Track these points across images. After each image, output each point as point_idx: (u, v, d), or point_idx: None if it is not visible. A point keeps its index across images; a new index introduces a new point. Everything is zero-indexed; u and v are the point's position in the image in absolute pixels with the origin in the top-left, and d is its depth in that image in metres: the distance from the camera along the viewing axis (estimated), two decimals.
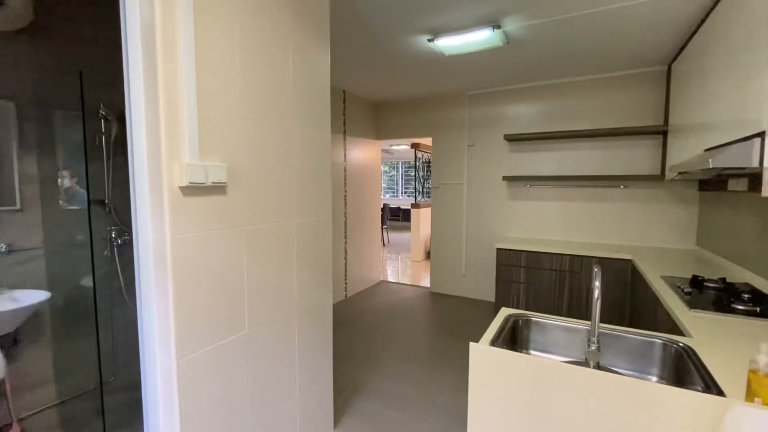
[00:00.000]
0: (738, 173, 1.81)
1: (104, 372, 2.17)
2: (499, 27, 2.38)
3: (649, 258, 2.70)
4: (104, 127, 2.13)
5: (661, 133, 3.16)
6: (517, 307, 3.35)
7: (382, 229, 8.30)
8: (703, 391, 0.90)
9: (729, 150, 1.48)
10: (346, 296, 4.30)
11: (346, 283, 4.28)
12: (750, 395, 0.83)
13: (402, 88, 4.00)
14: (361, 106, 4.46)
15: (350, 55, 2.95)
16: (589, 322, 1.32)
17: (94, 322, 2.04)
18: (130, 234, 1.38)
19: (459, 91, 4.12)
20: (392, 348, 3.00)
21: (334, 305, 4.03)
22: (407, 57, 2.97)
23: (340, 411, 2.16)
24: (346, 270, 4.26)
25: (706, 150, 1.89)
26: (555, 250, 3.14)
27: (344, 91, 4.10)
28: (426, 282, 5.06)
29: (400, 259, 6.82)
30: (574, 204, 3.64)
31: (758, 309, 1.48)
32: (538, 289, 3.26)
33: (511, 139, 3.72)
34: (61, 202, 2.02)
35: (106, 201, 2.16)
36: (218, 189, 1.27)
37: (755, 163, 1.32)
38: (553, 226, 3.76)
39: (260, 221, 1.43)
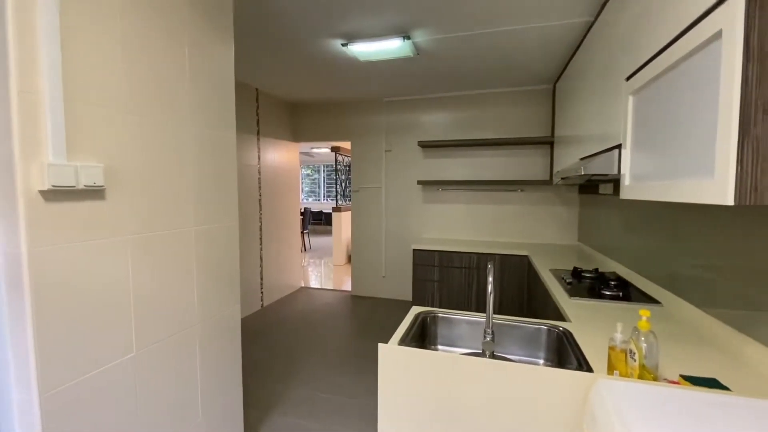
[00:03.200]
0: (604, 179, 2.13)
1: None
2: (409, 38, 2.48)
3: (541, 253, 3.05)
4: None
5: (549, 143, 3.60)
6: (432, 304, 3.51)
7: (302, 233, 8.09)
8: (576, 369, 1.03)
9: (596, 159, 1.74)
10: (262, 305, 4.09)
11: (262, 292, 4.07)
12: (610, 369, 0.98)
13: (320, 91, 3.95)
14: (277, 106, 4.30)
15: (263, 52, 2.82)
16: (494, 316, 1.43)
17: None
18: None
19: (376, 97, 4.21)
20: (312, 356, 2.93)
21: (249, 316, 3.80)
22: (323, 59, 2.94)
23: (252, 428, 2.04)
24: (262, 278, 4.05)
25: (581, 159, 2.19)
26: (464, 249, 3.37)
27: (257, 89, 3.91)
28: (348, 286, 5.05)
29: (323, 264, 6.72)
30: (480, 206, 3.95)
31: (621, 294, 1.75)
32: (450, 286, 3.47)
33: (424, 145, 3.91)
34: None
35: None
36: (94, 193, 1.10)
37: (615, 171, 1.56)
38: (462, 226, 4.03)
39: (149, 229, 1.28)
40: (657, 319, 1.46)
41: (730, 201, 0.79)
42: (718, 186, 0.82)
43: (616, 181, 2.27)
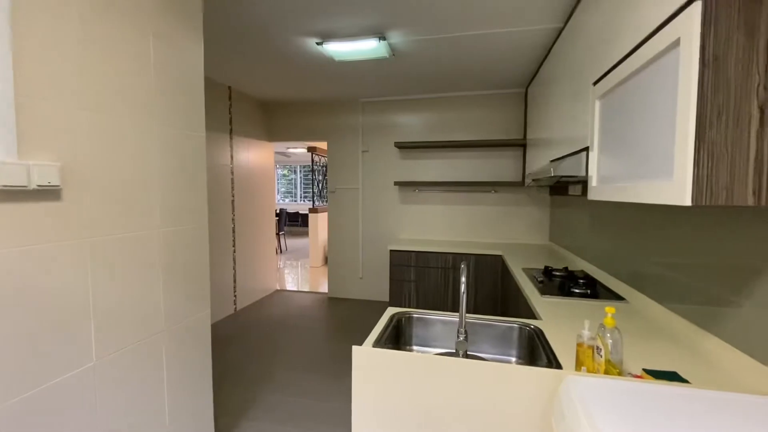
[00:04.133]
0: (573, 180, 2.19)
1: None
2: (384, 39, 2.48)
3: (515, 253, 3.12)
4: None
5: (521, 145, 3.69)
6: (409, 305, 3.53)
7: (278, 235, 7.95)
8: (547, 366, 1.05)
9: (566, 161, 1.79)
10: (236, 309, 3.98)
11: (235, 296, 3.96)
12: (578, 365, 1.00)
13: (295, 90, 3.89)
14: (251, 104, 4.21)
15: (236, 50, 2.75)
16: (466, 315, 1.44)
17: None
18: None
19: (353, 98, 4.19)
20: (286, 360, 2.87)
21: (221, 320, 3.69)
22: (298, 58, 2.90)
23: None
24: (235, 281, 3.95)
25: (551, 161, 2.25)
26: (440, 250, 3.40)
27: (230, 87, 3.81)
28: (324, 288, 4.99)
29: (300, 266, 6.62)
30: (455, 207, 4.00)
31: (589, 291, 1.81)
32: (426, 286, 3.49)
33: (401, 146, 3.92)
34: None
35: None
36: (48, 193, 1.03)
37: (583, 172, 1.61)
38: (438, 227, 4.07)
39: (110, 231, 1.21)
40: (622, 315, 1.51)
41: (687, 202, 0.83)
42: (676, 187, 0.85)
43: (584, 183, 2.35)
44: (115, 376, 1.24)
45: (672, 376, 0.96)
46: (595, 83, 1.45)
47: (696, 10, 0.82)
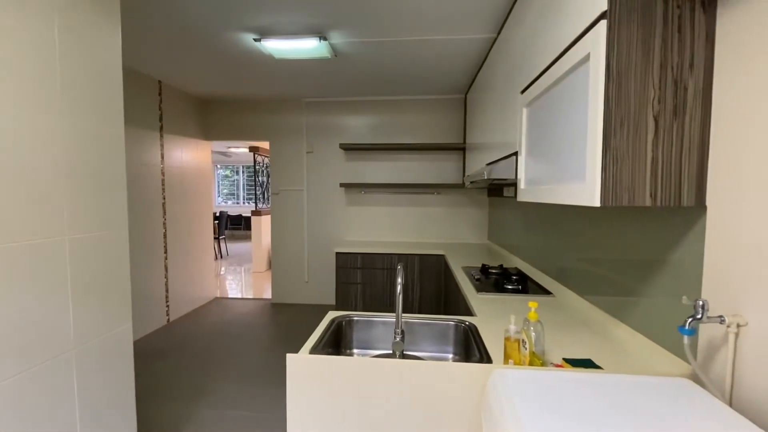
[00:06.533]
0: (506, 183, 2.32)
1: None
2: (325, 39, 2.45)
3: (456, 252, 3.23)
4: None
5: (462, 149, 3.84)
6: (355, 307, 3.51)
7: (218, 239, 7.53)
8: (478, 361, 1.09)
9: (499, 165, 1.89)
10: (168, 321, 3.69)
11: (167, 306, 3.67)
12: (506, 358, 1.05)
13: (233, 87, 3.71)
14: (185, 101, 3.93)
15: (166, 41, 2.55)
16: (405, 315, 1.45)
17: None
18: None
19: (296, 97, 4.09)
20: (225, 371, 2.71)
21: (151, 333, 3.40)
22: (234, 54, 2.77)
23: None
24: (167, 290, 3.66)
25: (487, 164, 2.37)
26: (385, 251, 3.43)
27: (160, 81, 3.53)
28: (268, 293, 4.81)
29: (242, 272, 6.32)
30: (400, 208, 4.06)
31: (521, 287, 1.92)
32: (373, 288, 3.50)
33: (346, 148, 3.90)
34: None
35: None
36: None
37: (513, 176, 1.71)
38: (384, 228, 4.11)
39: (3, 238, 1.06)
40: (549, 308, 1.63)
41: (597, 203, 0.90)
42: (588, 189, 0.93)
43: (516, 185, 2.50)
44: (13, 403, 1.08)
45: (587, 363, 1.05)
46: (522, 92, 1.54)
47: (602, 29, 0.90)
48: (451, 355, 1.40)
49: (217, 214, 7.67)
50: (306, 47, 2.53)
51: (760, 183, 0.79)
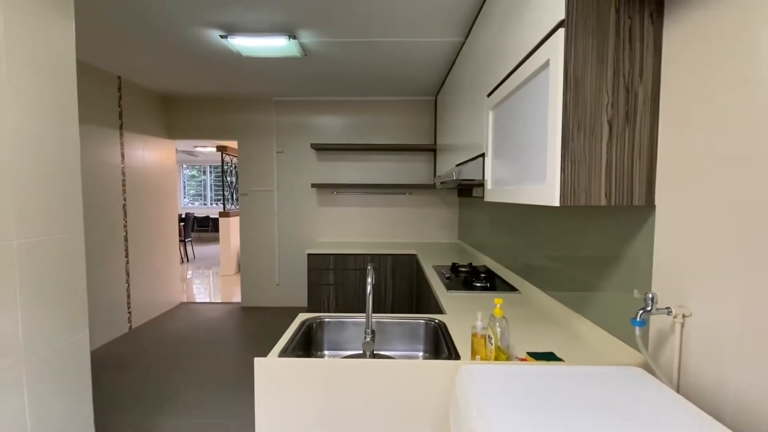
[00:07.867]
0: (475, 183, 2.38)
1: None
2: (295, 37, 2.42)
3: (427, 251, 3.28)
4: None
5: (432, 150, 3.90)
6: (328, 309, 3.48)
7: (185, 242, 7.26)
8: (447, 358, 1.11)
9: (467, 166, 1.93)
10: (130, 328, 3.52)
11: (129, 312, 3.50)
12: (473, 354, 1.08)
13: (199, 84, 3.59)
14: (146, 98, 3.77)
15: (126, 35, 2.43)
16: (376, 315, 1.46)
17: None
18: None
19: (265, 96, 4.01)
20: (191, 378, 2.62)
21: (112, 341, 3.24)
22: (199, 50, 2.68)
23: None
24: (129, 296, 3.49)
25: (456, 165, 2.42)
26: (358, 251, 3.43)
27: (119, 77, 3.37)
28: (238, 297, 4.69)
29: (210, 275, 6.12)
30: (373, 209, 4.07)
31: (488, 284, 1.97)
32: (345, 289, 3.48)
33: (318, 148, 3.86)
34: None
35: None
36: None
37: (481, 176, 1.75)
38: (357, 229, 4.10)
39: None
40: (515, 304, 1.68)
41: (556, 202, 0.95)
42: (548, 190, 0.97)
43: (483, 185, 2.56)
44: None
45: (550, 356, 1.10)
46: (488, 95, 1.59)
47: (560, 37, 0.94)
48: (421, 353, 1.42)
49: (183, 216, 7.39)
50: (275, 45, 2.49)
51: (702, 184, 0.86)
